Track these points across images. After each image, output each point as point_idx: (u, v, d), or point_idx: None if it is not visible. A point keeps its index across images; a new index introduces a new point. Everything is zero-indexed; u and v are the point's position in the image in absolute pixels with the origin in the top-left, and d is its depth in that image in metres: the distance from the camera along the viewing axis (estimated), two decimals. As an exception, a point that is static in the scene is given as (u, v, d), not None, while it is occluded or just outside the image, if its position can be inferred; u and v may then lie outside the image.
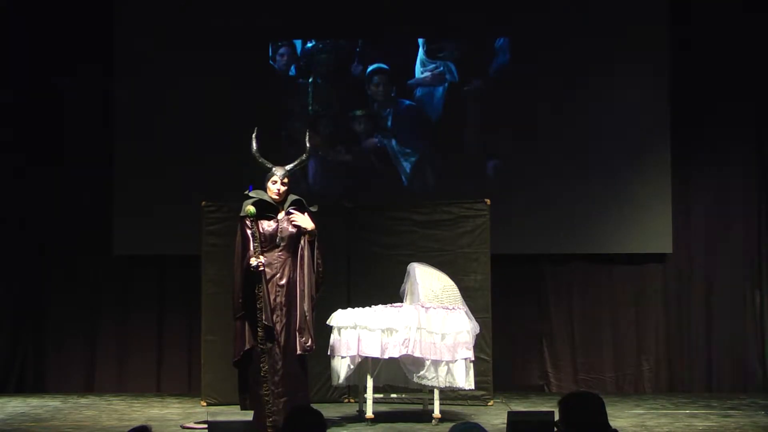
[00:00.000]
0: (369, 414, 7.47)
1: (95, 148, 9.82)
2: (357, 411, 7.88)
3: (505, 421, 6.08)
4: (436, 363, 7.32)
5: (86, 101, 9.86)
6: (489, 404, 8.48)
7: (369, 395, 7.48)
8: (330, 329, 7.52)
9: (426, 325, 7.33)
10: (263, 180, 7.15)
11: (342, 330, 7.45)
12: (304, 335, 6.92)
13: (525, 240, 9.50)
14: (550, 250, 9.62)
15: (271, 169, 7.13)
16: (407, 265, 7.75)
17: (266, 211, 7.06)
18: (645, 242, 9.58)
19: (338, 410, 8.12)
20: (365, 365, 7.50)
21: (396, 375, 7.67)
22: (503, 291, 9.22)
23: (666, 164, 9.55)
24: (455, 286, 7.66)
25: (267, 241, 6.99)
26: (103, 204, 9.68)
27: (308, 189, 9.30)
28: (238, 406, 7.16)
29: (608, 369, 9.64)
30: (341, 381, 7.53)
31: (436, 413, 7.49)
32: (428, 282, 7.53)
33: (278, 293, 6.94)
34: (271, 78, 9.80)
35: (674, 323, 9.67)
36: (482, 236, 8.56)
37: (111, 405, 8.75)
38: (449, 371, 7.35)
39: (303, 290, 6.96)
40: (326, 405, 8.08)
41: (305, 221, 7.06)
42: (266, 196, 7.09)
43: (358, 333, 7.38)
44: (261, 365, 6.86)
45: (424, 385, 7.52)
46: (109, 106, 9.78)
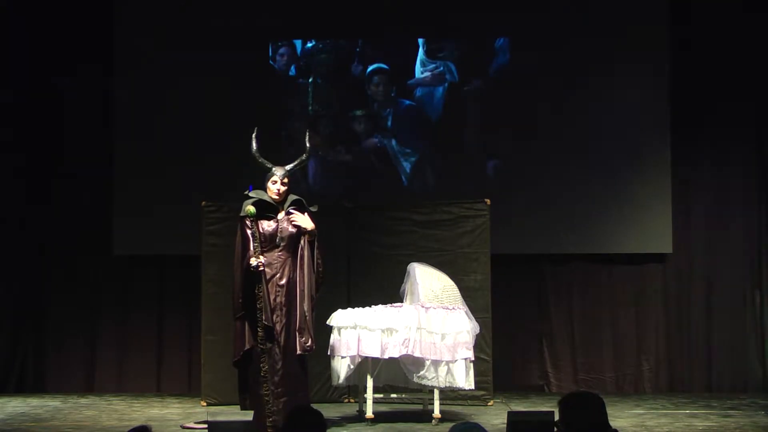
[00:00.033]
0: (369, 414, 7.46)
1: (95, 148, 9.81)
2: (357, 411, 7.87)
3: (505, 421, 6.07)
4: (436, 363, 7.32)
5: (86, 101, 9.86)
6: (489, 404, 8.48)
7: (369, 395, 7.48)
8: (330, 329, 7.51)
9: (426, 325, 7.33)
10: (263, 180, 7.15)
11: (342, 330, 7.44)
12: (304, 335, 6.92)
13: (525, 240, 9.50)
14: (550, 250, 9.62)
15: (271, 169, 7.13)
16: (407, 265, 7.74)
17: (266, 211, 7.06)
18: (645, 242, 9.58)
19: (338, 410, 8.12)
20: (365, 365, 7.50)
21: (396, 375, 7.66)
22: (503, 291, 9.22)
23: (666, 164, 9.55)
24: (455, 286, 7.65)
25: (267, 241, 6.99)
26: (103, 204, 9.68)
27: (308, 189, 9.30)
28: (238, 406, 7.16)
29: (608, 369, 9.64)
30: (341, 381, 7.52)
31: (436, 413, 7.49)
32: (428, 282, 7.52)
33: (278, 293, 6.94)
34: (271, 78, 9.80)
35: (674, 323, 9.67)
36: (482, 236, 8.56)
37: (111, 405, 8.75)
38: (449, 371, 7.34)
39: (303, 290, 6.96)
40: (326, 405, 8.07)
41: (305, 221, 7.06)
42: (266, 196, 7.09)
43: (358, 333, 7.37)
44: (261, 365, 6.85)
45: (424, 385, 7.52)
46: (109, 106, 9.78)
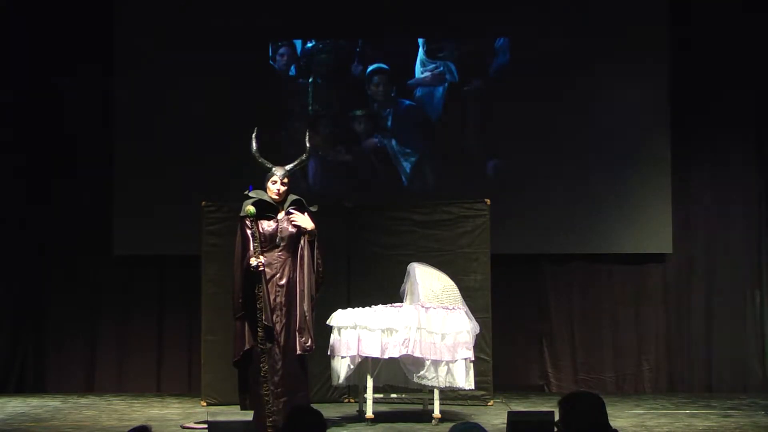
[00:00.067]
0: (369, 414, 7.46)
1: (95, 148, 9.81)
2: (357, 411, 7.87)
3: (505, 421, 6.06)
4: (436, 363, 7.32)
5: (86, 101, 9.86)
6: (489, 404, 8.47)
7: (369, 395, 7.48)
8: (330, 329, 7.51)
9: (426, 325, 7.33)
10: (263, 180, 7.14)
11: (342, 330, 7.44)
12: (304, 335, 6.91)
13: (525, 240, 9.50)
14: (550, 250, 9.62)
15: (271, 169, 7.13)
16: (407, 265, 7.75)
17: (266, 211, 7.05)
18: (645, 242, 9.58)
19: (338, 410, 8.12)
20: (365, 365, 7.50)
21: (396, 375, 7.66)
22: (503, 291, 9.21)
23: (666, 164, 9.55)
24: (455, 286, 7.65)
25: (267, 241, 6.99)
26: (103, 204, 9.68)
27: (308, 189, 9.29)
28: (238, 406, 7.15)
29: (608, 369, 9.63)
30: (341, 381, 7.52)
31: (436, 413, 7.49)
32: (428, 282, 7.52)
33: (278, 293, 6.94)
34: (271, 78, 9.80)
35: (674, 323, 9.67)
36: (482, 236, 8.56)
37: (111, 405, 8.75)
38: (449, 371, 7.34)
39: (303, 290, 6.96)
40: (326, 405, 8.07)
41: (305, 221, 7.06)
42: (266, 196, 7.09)
43: (358, 333, 7.37)
44: (261, 365, 6.85)
45: (424, 385, 7.52)
46: (109, 106, 9.78)
